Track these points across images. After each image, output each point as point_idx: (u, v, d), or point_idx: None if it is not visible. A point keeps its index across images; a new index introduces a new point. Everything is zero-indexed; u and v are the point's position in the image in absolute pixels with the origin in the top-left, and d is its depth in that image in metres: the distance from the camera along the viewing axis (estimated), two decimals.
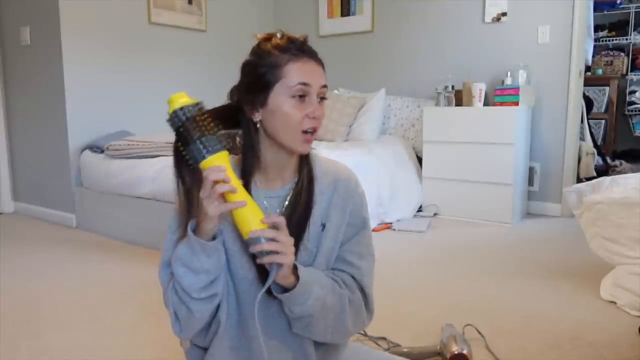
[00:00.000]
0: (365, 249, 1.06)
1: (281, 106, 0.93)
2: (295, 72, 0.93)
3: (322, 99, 0.97)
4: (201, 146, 0.85)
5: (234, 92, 1.00)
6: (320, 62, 0.97)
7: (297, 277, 0.93)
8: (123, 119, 3.63)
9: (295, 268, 0.93)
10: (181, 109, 0.85)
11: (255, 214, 0.88)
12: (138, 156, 3.04)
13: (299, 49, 0.94)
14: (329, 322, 0.99)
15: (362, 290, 1.05)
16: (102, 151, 3.26)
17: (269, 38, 0.96)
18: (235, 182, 0.87)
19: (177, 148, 0.89)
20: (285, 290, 0.93)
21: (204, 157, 0.85)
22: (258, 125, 0.97)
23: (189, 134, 0.85)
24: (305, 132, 0.95)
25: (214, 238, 0.92)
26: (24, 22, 3.53)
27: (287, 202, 1.01)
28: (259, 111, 0.96)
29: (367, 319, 1.07)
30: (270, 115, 0.95)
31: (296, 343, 1.03)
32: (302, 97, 0.93)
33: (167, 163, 2.84)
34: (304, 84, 0.93)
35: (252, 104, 0.96)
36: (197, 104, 0.88)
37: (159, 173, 2.85)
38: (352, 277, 1.04)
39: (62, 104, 3.35)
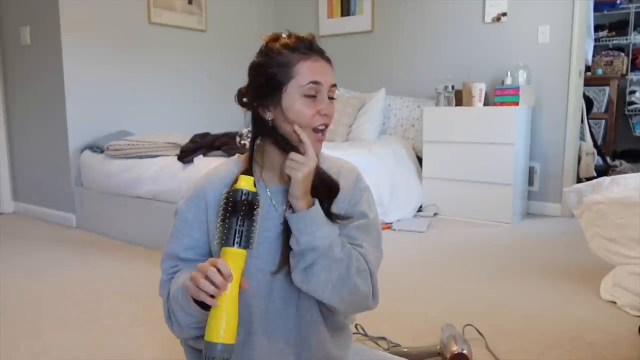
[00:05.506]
0: (366, 236, 1.03)
1: (293, 105, 0.95)
2: (306, 71, 0.94)
3: (331, 99, 0.99)
4: (237, 235, 0.86)
5: (243, 94, 1.00)
6: (328, 61, 0.99)
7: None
8: (123, 119, 3.63)
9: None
10: (245, 191, 0.88)
11: (227, 324, 0.84)
12: (138, 156, 3.04)
13: (308, 47, 0.96)
14: (331, 276, 0.95)
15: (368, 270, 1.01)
16: (102, 151, 3.26)
17: (276, 38, 0.97)
18: (234, 286, 0.86)
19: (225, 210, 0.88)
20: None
21: (231, 246, 0.86)
22: (271, 124, 0.98)
23: (237, 216, 0.86)
24: (316, 131, 0.96)
25: None
26: (24, 22, 3.53)
27: None
28: (271, 110, 0.97)
29: (372, 301, 1.02)
30: (282, 114, 0.96)
31: (300, 334, 1.03)
32: (313, 95, 0.95)
33: (167, 163, 2.85)
34: (316, 82, 0.94)
35: (264, 103, 0.97)
36: (256, 194, 0.89)
37: (159, 173, 2.85)
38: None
39: (62, 104, 3.35)
